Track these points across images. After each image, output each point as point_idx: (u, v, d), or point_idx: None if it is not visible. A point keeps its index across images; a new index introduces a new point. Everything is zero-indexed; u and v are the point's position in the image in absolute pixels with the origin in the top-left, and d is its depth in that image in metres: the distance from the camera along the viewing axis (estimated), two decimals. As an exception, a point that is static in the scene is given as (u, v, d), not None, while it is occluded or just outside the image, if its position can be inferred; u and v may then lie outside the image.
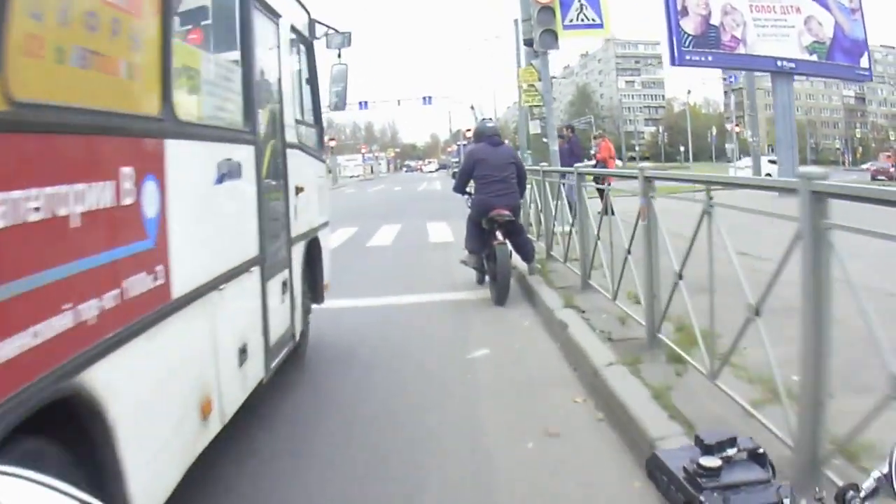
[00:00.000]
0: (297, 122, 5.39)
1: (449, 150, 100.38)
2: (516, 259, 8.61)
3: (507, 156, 8.47)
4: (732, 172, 35.24)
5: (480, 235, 8.32)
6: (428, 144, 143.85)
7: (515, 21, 23.25)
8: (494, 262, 7.96)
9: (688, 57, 21.42)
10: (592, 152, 18.12)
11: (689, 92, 74.48)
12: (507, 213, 8.08)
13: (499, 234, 8.07)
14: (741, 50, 21.79)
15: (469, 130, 71.68)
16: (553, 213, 9.84)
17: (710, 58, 22.59)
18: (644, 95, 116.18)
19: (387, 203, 28.90)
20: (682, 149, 76.20)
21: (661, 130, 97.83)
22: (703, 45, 22.02)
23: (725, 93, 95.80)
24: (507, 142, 9.98)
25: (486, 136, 8.53)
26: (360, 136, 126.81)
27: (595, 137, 19.48)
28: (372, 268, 11.16)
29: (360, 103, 59.46)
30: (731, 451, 0.86)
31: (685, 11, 20.35)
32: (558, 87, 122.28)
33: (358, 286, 8.97)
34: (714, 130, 73.89)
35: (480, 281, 8.72)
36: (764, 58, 22.11)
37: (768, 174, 28.94)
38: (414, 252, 12.76)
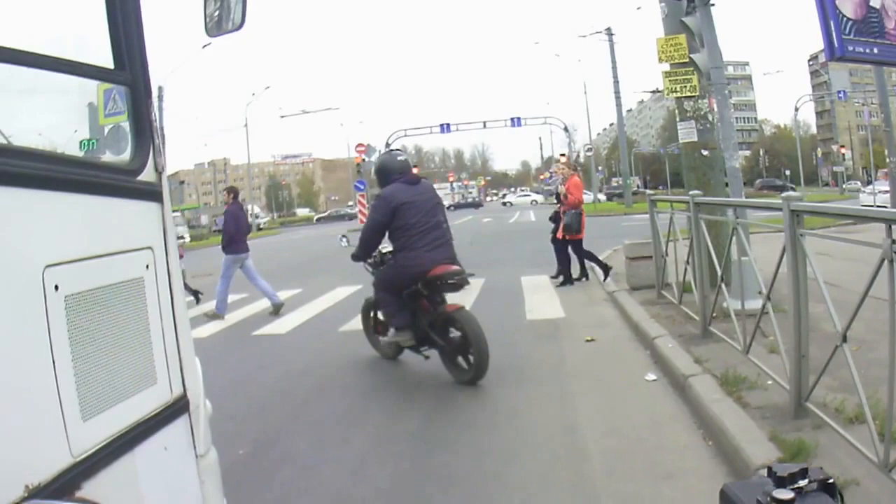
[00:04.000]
0: None
1: (541, 177, 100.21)
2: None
3: (432, 194, 6.61)
4: (868, 199, 30.73)
5: (406, 304, 6.53)
6: (519, 172, 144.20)
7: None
8: (447, 331, 6.32)
9: (850, 48, 19.01)
10: (557, 192, 12.85)
11: (796, 109, 70.81)
12: (457, 267, 6.40)
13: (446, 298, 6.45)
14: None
15: (563, 156, 71.17)
16: (720, 274, 6.30)
17: (875, 50, 20.28)
18: (736, 118, 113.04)
19: (472, 242, 23.96)
20: (787, 172, 73.01)
21: (761, 153, 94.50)
22: (866, 34, 19.73)
23: (818, 114, 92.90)
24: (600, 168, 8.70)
25: (398, 172, 6.59)
26: (450, 163, 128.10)
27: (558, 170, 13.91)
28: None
29: (443, 125, 58.50)
30: (802, 483, 0.87)
31: (839, -10, 18.21)
32: (647, 112, 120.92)
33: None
34: (819, 152, 71.06)
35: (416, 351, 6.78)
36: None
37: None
38: (507, 345, 7.61)
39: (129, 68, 2.19)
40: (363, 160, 45.07)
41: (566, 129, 59.28)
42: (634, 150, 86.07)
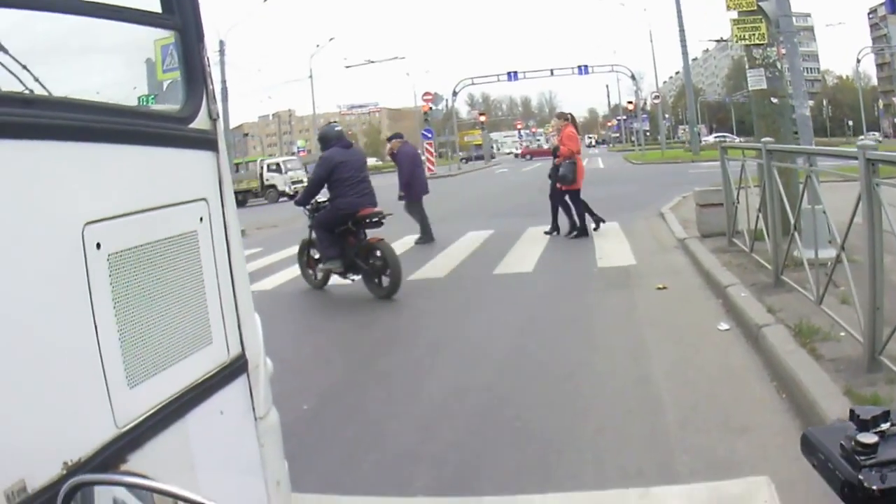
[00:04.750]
0: None
1: (609, 124, 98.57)
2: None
3: (361, 157, 8.76)
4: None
5: (338, 240, 8.38)
6: (587, 119, 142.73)
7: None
8: (369, 258, 8.19)
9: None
10: (554, 147, 12.63)
11: (858, 61, 67.92)
12: (378, 210, 8.36)
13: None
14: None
15: (630, 103, 70.53)
16: (792, 223, 6.27)
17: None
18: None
19: (540, 189, 24.37)
20: (849, 123, 70.27)
21: (824, 103, 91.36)
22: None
23: (878, 66, 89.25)
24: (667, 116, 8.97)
25: (336, 139, 8.57)
26: (517, 111, 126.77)
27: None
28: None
29: (510, 74, 57.75)
30: (884, 426, 0.83)
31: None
32: (712, 61, 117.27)
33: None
34: (880, 104, 68.27)
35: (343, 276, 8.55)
36: None
37: None
38: (578, 294, 7.82)
39: (177, 12, 2.07)
40: (430, 109, 44.97)
41: (633, 77, 58.18)
42: (700, 99, 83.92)
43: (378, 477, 3.79)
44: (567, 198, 11.91)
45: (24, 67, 1.89)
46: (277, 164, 35.46)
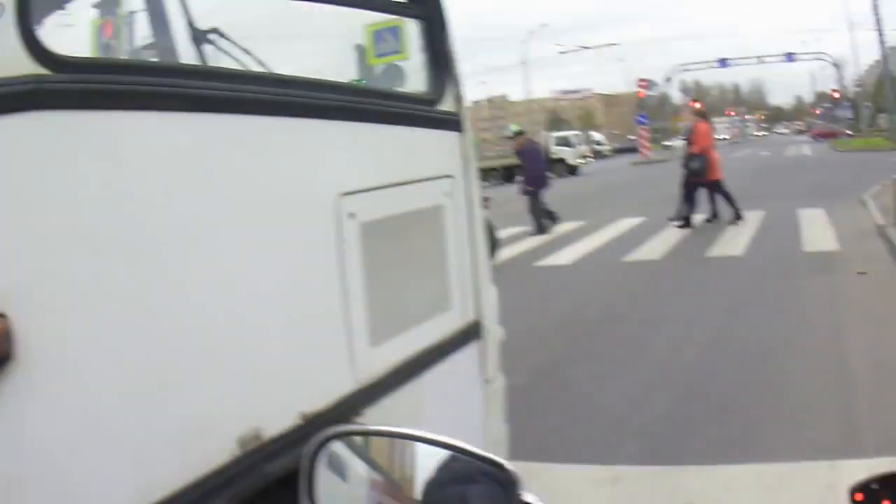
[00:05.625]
0: None
1: (815, 112, 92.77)
2: None
3: None
4: None
5: None
6: (793, 106, 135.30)
7: None
8: None
9: None
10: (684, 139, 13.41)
11: None
12: None
13: None
14: None
15: (835, 91, 66.04)
16: None
17: None
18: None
19: (751, 176, 23.24)
20: None
21: None
22: None
23: None
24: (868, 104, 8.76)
25: None
26: (728, 98, 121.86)
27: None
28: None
29: (720, 61, 56.77)
30: None
31: None
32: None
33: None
34: None
35: None
36: None
37: None
38: (783, 276, 8.09)
39: (422, 1, 2.17)
40: (646, 95, 44.23)
41: (835, 65, 54.64)
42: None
43: (586, 447, 3.99)
44: (710, 191, 12.39)
45: (246, 52, 2.12)
46: (566, 139, 35.60)
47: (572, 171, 32.90)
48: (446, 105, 2.18)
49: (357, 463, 0.98)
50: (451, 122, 2.22)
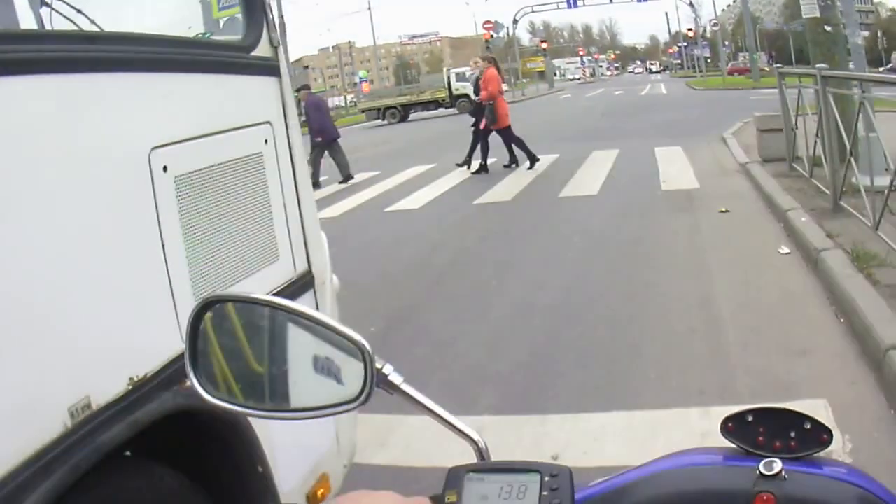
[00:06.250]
0: None
1: (670, 51, 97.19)
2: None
3: None
4: None
5: None
6: (648, 46, 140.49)
7: None
8: None
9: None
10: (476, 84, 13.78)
11: None
12: None
13: None
14: None
15: (690, 30, 69.25)
16: (848, 149, 6.30)
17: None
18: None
19: (604, 114, 24.88)
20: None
21: (879, 34, 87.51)
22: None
23: None
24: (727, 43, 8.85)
25: None
26: (579, 39, 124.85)
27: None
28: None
29: (569, 1, 57.16)
30: None
31: None
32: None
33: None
34: None
35: None
36: None
37: None
38: (642, 215, 7.95)
39: None
40: (492, 37, 44.31)
41: (691, 5, 56.71)
42: (758, 27, 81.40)
43: (445, 397, 3.95)
44: (501, 137, 12.59)
45: (79, 11, 1.99)
46: (464, 74, 34.58)
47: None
48: (261, 51, 2.15)
49: (236, 328, 1.00)
50: (267, 68, 2.19)
